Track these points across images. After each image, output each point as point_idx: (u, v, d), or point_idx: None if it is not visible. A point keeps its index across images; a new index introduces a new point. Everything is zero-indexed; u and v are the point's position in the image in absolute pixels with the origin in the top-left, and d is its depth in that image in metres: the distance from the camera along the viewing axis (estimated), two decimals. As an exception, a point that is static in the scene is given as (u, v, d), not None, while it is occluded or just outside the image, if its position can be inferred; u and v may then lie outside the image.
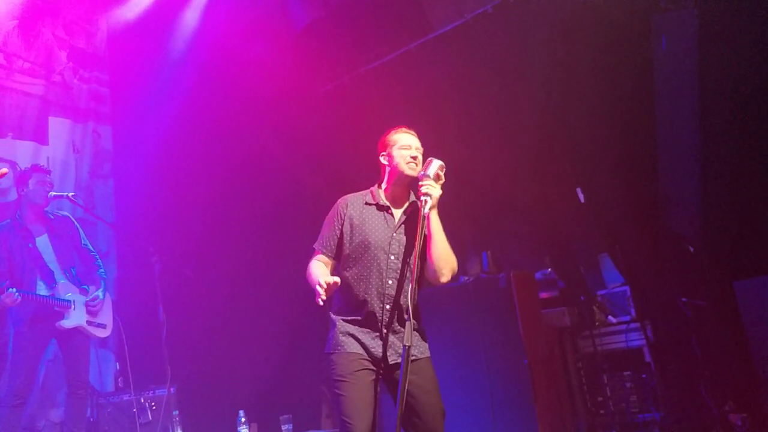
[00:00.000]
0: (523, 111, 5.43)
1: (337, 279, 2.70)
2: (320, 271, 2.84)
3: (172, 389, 4.82)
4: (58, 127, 6.06)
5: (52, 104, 6.06)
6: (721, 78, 4.41)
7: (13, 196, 5.35)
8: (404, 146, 2.95)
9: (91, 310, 4.55)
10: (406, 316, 2.73)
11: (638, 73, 4.82)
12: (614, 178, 4.97)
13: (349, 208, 2.94)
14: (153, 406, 4.98)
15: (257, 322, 5.89)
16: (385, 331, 2.77)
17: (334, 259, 2.94)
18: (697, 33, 4.49)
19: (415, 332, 2.83)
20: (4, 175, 1.76)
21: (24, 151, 5.75)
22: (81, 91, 6.35)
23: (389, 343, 2.78)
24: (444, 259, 2.80)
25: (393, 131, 3.03)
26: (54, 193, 4.55)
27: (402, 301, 2.81)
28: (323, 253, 2.95)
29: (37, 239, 4.48)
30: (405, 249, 2.86)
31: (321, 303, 2.63)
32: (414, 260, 2.68)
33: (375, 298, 2.81)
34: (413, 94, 5.94)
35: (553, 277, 4.96)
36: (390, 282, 2.81)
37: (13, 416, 4.29)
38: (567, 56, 5.22)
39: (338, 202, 3.01)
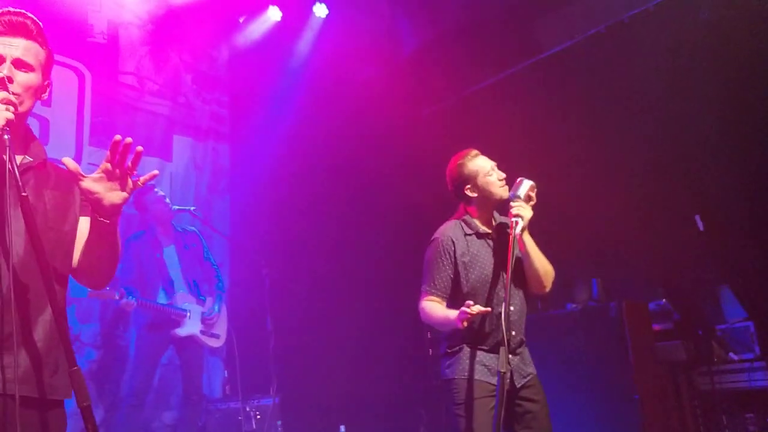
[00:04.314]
0: (636, 134, 5.24)
1: (488, 309, 2.70)
2: (444, 309, 2.84)
3: (276, 399, 4.97)
4: (181, 144, 6.47)
5: (177, 123, 6.48)
6: None
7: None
8: (489, 171, 2.94)
9: (207, 322, 4.82)
10: (521, 337, 2.88)
11: (763, 94, 4.53)
12: (736, 205, 4.69)
13: (456, 246, 2.89)
14: (258, 415, 5.15)
15: (363, 339, 5.97)
16: (511, 356, 2.75)
17: (446, 298, 2.90)
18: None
19: (527, 351, 2.93)
20: (154, 176, 1.89)
21: (150, 167, 6.16)
22: (203, 111, 6.76)
23: (514, 366, 2.78)
24: (547, 272, 2.91)
25: (466, 160, 2.97)
26: (177, 207, 4.89)
27: (519, 322, 2.86)
28: (437, 296, 2.89)
29: (165, 249, 4.82)
30: (505, 271, 2.84)
31: (464, 325, 2.64)
32: (507, 282, 2.70)
33: (502, 326, 2.75)
34: (519, 116, 5.88)
35: (668, 308, 4.71)
36: (512, 308, 2.81)
37: (132, 415, 4.59)
38: (684, 77, 5.00)
39: (440, 240, 2.93)
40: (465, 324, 2.63)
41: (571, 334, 4.48)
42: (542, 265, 2.90)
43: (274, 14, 6.63)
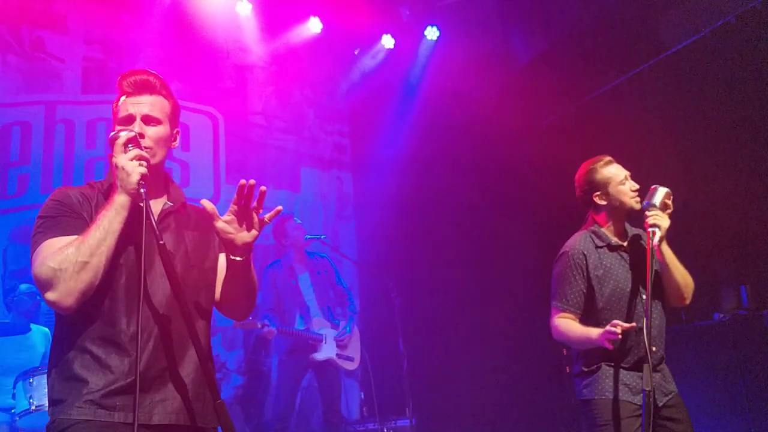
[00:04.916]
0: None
1: (634, 324, 2.58)
2: (582, 327, 2.75)
3: (413, 420, 5.02)
4: (308, 176, 6.81)
5: (303, 156, 6.84)
6: None
7: (273, 239, 6.07)
8: (622, 180, 2.82)
9: (340, 343, 4.98)
10: (662, 353, 2.73)
11: None
12: None
13: (588, 259, 2.79)
14: (395, 436, 5.23)
15: (497, 359, 5.88)
16: (653, 373, 2.62)
17: (580, 314, 2.80)
18: None
19: (666, 367, 2.77)
20: (279, 212, 1.99)
21: (280, 200, 6.52)
22: (325, 143, 7.08)
23: (655, 384, 2.62)
24: (687, 283, 2.77)
25: (599, 166, 2.87)
26: (309, 236, 5.14)
27: (661, 338, 2.71)
28: (570, 312, 2.80)
29: (299, 277, 5.08)
30: (643, 284, 2.73)
31: (612, 347, 2.56)
32: (647, 295, 2.54)
33: (642, 342, 2.63)
34: (645, 118, 5.60)
35: (833, 315, 4.26)
36: (653, 322, 2.69)
37: (278, 438, 4.82)
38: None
39: (570, 254, 2.83)
40: (612, 345, 2.53)
41: (721, 347, 4.17)
42: (682, 276, 2.76)
43: (387, 42, 6.82)
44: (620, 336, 2.51)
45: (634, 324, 2.57)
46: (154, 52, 5.84)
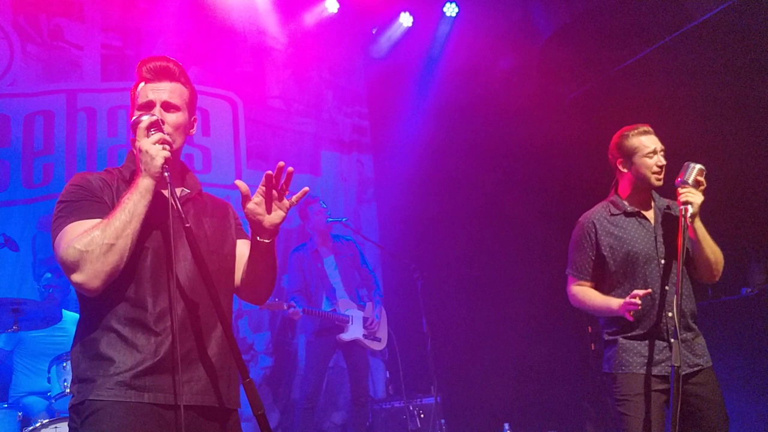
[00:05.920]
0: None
1: (649, 290, 2.64)
2: (602, 296, 2.79)
3: (438, 398, 5.05)
4: (328, 159, 6.79)
5: (323, 139, 6.82)
6: None
7: (294, 222, 6.09)
8: (649, 153, 2.78)
9: (369, 327, 5.03)
10: (691, 323, 2.72)
11: None
12: None
13: (597, 227, 2.82)
14: (421, 414, 5.27)
15: (521, 336, 5.89)
16: (673, 340, 2.60)
17: (591, 281, 2.86)
18: None
19: (698, 339, 2.76)
20: (306, 193, 2.00)
21: (301, 184, 6.49)
22: (345, 125, 7.04)
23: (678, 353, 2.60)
24: (717, 260, 2.75)
25: (631, 133, 2.83)
26: (331, 219, 5.15)
27: (684, 305, 2.68)
28: (581, 279, 2.87)
29: (324, 260, 5.13)
30: (669, 252, 2.74)
31: (632, 318, 2.63)
32: (678, 271, 2.57)
33: (655, 308, 2.68)
34: (672, 91, 5.48)
35: None
36: (668, 288, 2.67)
37: (306, 418, 4.89)
38: None
39: (581, 223, 2.89)
40: (632, 315, 2.57)
41: (748, 322, 4.10)
42: (713, 252, 2.74)
43: (405, 20, 6.74)
44: (639, 304, 2.55)
45: (649, 290, 2.62)
46: (172, 38, 5.84)
